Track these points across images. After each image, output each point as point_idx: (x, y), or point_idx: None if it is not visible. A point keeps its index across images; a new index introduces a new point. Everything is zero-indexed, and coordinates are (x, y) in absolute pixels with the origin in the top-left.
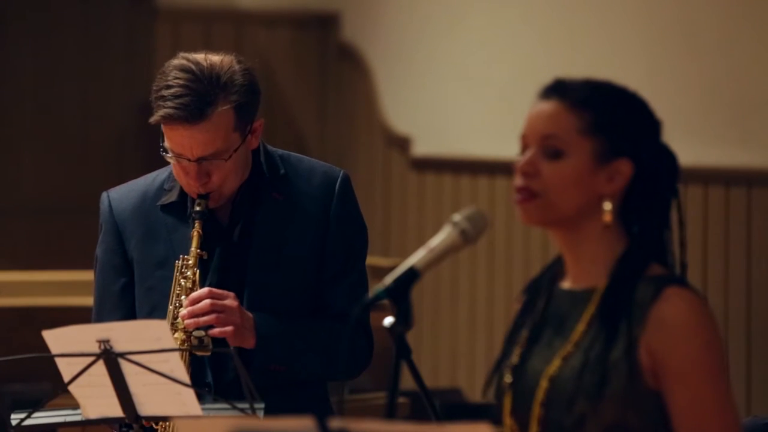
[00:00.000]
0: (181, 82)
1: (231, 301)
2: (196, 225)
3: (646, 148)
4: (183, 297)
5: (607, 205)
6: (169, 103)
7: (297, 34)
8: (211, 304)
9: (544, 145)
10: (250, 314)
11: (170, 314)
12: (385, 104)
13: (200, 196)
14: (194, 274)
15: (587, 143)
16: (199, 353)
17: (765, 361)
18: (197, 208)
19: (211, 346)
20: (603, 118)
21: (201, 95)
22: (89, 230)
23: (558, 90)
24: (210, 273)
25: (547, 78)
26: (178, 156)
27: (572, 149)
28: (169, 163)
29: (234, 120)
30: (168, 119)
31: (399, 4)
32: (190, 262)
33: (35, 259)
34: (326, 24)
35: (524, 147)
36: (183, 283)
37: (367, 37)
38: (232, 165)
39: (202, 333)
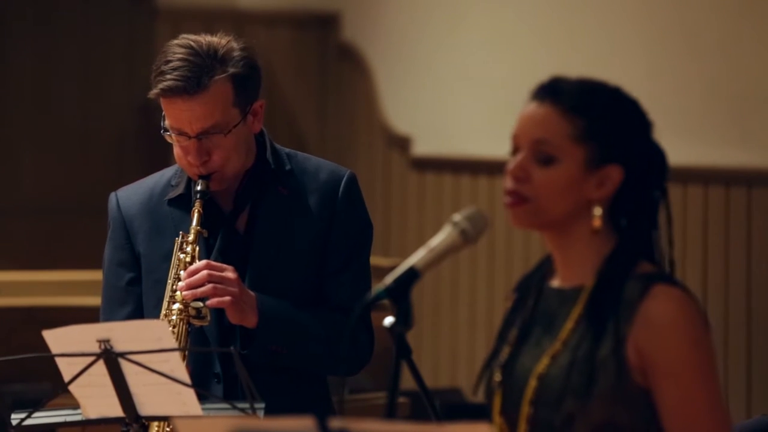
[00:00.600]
0: (179, 56)
1: (230, 273)
2: (197, 204)
3: (636, 151)
4: (182, 271)
5: (597, 211)
6: (168, 76)
7: (297, 34)
8: (209, 275)
9: (535, 150)
10: (252, 293)
11: (169, 287)
12: (385, 104)
13: (201, 177)
14: (193, 250)
15: (579, 150)
16: (197, 323)
17: (765, 361)
18: (198, 188)
19: (209, 317)
20: (596, 125)
21: (199, 67)
22: (89, 230)
23: (552, 92)
24: (212, 257)
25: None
26: (178, 133)
27: (564, 155)
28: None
29: (232, 93)
30: (167, 92)
31: (399, 4)
32: (190, 238)
33: (35, 259)
34: (326, 24)
35: (515, 147)
36: (182, 257)
37: (367, 37)
38: (233, 143)
39: (199, 304)
